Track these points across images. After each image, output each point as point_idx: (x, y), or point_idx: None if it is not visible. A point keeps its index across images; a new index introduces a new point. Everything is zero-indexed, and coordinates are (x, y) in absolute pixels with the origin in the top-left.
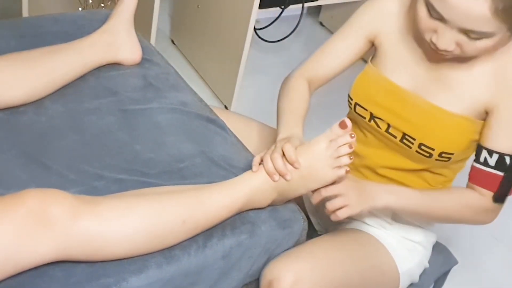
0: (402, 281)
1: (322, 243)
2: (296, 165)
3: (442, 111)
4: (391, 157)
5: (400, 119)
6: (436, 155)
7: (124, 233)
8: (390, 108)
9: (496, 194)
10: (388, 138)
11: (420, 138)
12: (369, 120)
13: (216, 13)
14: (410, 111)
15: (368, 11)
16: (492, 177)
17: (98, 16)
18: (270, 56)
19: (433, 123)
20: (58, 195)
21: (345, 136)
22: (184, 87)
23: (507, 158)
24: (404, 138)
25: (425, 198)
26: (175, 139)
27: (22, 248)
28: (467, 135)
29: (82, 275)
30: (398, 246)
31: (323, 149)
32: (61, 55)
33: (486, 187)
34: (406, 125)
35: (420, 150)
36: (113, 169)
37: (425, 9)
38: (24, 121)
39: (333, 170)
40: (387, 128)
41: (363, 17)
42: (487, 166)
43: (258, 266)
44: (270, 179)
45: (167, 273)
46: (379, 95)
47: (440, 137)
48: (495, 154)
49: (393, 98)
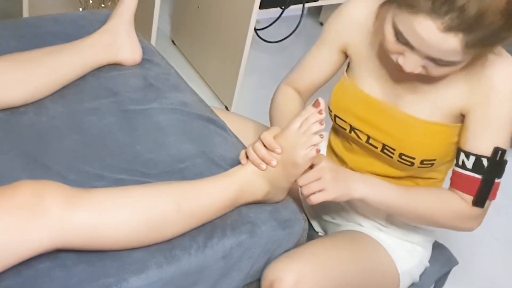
0: (403, 281)
1: (323, 244)
2: (277, 150)
3: (418, 121)
4: (376, 165)
5: (378, 130)
6: (418, 163)
7: (119, 219)
8: (368, 120)
9: (475, 198)
10: (370, 149)
11: (399, 149)
12: (350, 131)
13: (217, 13)
14: (386, 123)
15: (335, 22)
16: (471, 180)
17: (98, 17)
18: (271, 56)
19: (410, 133)
20: (52, 185)
21: (314, 114)
22: (185, 88)
23: (484, 160)
24: (385, 148)
25: (403, 195)
26: (176, 139)
27: (17, 238)
28: (445, 141)
29: (82, 275)
30: (397, 247)
31: (296, 128)
32: (62, 56)
33: (466, 191)
34: (384, 137)
35: (401, 159)
36: (113, 170)
37: (392, 32)
38: (24, 122)
39: (306, 150)
40: (367, 139)
41: (332, 29)
42: (465, 169)
43: (258, 266)
44: (257, 170)
45: (168, 273)
46: (356, 107)
47: (419, 146)
48: (471, 156)
49: (370, 110)
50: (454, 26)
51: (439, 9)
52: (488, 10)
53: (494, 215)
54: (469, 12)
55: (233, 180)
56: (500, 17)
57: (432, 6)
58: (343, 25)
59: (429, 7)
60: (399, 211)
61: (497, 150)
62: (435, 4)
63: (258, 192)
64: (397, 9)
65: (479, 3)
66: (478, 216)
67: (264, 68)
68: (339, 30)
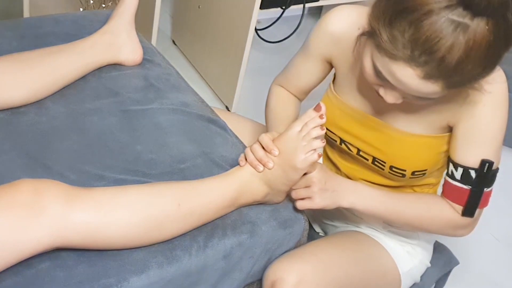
0: (404, 281)
1: (324, 244)
2: (274, 152)
3: (405, 134)
4: (369, 175)
5: (367, 144)
6: (409, 174)
7: (119, 217)
8: (356, 134)
9: (464, 208)
10: (361, 160)
11: (389, 161)
12: (340, 143)
13: (217, 13)
14: (374, 137)
15: (316, 36)
16: (460, 191)
17: (99, 17)
18: (271, 56)
19: (399, 147)
20: (52, 184)
21: (315, 118)
22: (185, 88)
23: (471, 171)
24: (375, 161)
25: (393, 205)
26: (176, 139)
27: (17, 236)
28: (434, 151)
29: (83, 275)
30: (397, 248)
31: (296, 132)
32: (62, 56)
33: (455, 201)
34: (373, 150)
35: (392, 171)
36: (114, 170)
37: (371, 68)
38: (25, 122)
39: (306, 154)
40: (357, 151)
41: (313, 43)
42: (454, 180)
43: (259, 266)
44: (254, 172)
45: (168, 273)
46: (343, 121)
47: (408, 159)
48: (459, 168)
49: (356, 123)
50: (433, 74)
51: (418, 58)
52: (469, 59)
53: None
54: (449, 63)
55: (232, 180)
56: (479, 63)
57: (411, 54)
58: (323, 39)
59: (408, 56)
60: (389, 219)
61: (484, 162)
62: (414, 53)
63: (257, 193)
64: (375, 48)
65: (459, 53)
66: (469, 225)
67: (264, 68)
68: (320, 44)
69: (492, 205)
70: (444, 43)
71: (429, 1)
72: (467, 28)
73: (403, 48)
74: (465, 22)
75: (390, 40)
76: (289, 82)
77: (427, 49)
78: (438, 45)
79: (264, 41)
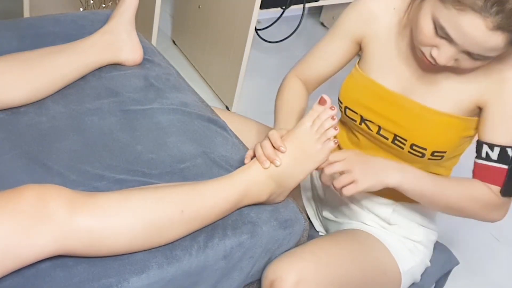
0: (404, 280)
1: (323, 243)
2: (281, 149)
3: (431, 111)
4: (387, 157)
5: (390, 121)
6: (429, 154)
7: (122, 224)
8: (379, 111)
9: (503, 187)
10: (380, 140)
11: (411, 139)
12: (360, 123)
13: (217, 13)
14: (399, 114)
15: (351, 13)
16: (497, 171)
17: (99, 17)
18: (271, 56)
19: (423, 124)
20: (56, 190)
21: (326, 110)
22: (185, 88)
23: (509, 150)
24: (396, 139)
25: (436, 183)
26: (176, 139)
27: (21, 242)
28: (458, 133)
29: (83, 275)
30: (399, 246)
31: (308, 127)
32: (62, 56)
33: (492, 182)
34: (396, 127)
35: (412, 150)
36: (114, 170)
37: (431, 26)
38: (25, 122)
39: (323, 144)
40: (378, 130)
41: (348, 19)
42: (490, 161)
43: (259, 266)
44: (263, 169)
45: (168, 273)
46: (367, 98)
47: (431, 137)
48: (496, 147)
49: (381, 100)
50: (503, 25)
51: (490, 8)
52: None
53: None
54: None
55: (237, 182)
56: None
57: (484, 5)
58: (360, 17)
59: (480, 6)
60: (431, 199)
61: None
62: (487, 3)
63: (263, 193)
64: (439, 3)
65: None
66: (504, 206)
67: (264, 68)
68: (355, 21)
69: None
70: None
71: None
72: None
73: None
74: None
75: None
76: (310, 67)
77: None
78: None
79: (264, 41)
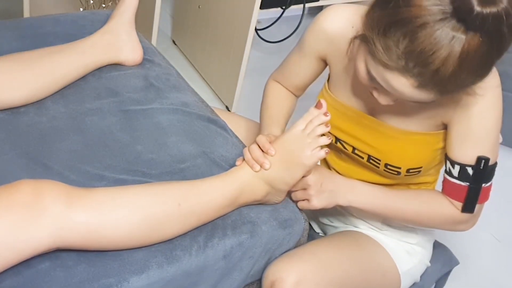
0: (403, 281)
1: (323, 244)
2: (270, 151)
3: (399, 131)
4: (365, 173)
5: (362, 142)
6: (404, 172)
7: (119, 217)
8: (351, 133)
9: (463, 204)
10: (355, 159)
11: (384, 159)
12: (335, 142)
13: (217, 13)
14: (369, 135)
15: (311, 34)
16: (458, 187)
17: (99, 17)
18: (271, 56)
19: (393, 144)
20: (52, 184)
21: (320, 115)
22: (185, 88)
23: (468, 169)
24: (370, 159)
25: (392, 199)
26: (176, 139)
27: (18, 236)
28: (429, 148)
29: (83, 275)
30: (396, 247)
31: (299, 131)
32: (62, 56)
33: (454, 198)
34: (368, 148)
35: (387, 169)
36: (114, 170)
37: (365, 72)
38: (25, 122)
39: (312, 151)
40: (353, 150)
41: (308, 41)
42: (452, 177)
43: (259, 266)
44: (254, 172)
45: (168, 273)
46: (338, 120)
47: (402, 156)
48: (456, 165)
49: (351, 122)
50: (428, 84)
51: (412, 69)
52: (462, 69)
53: (494, 215)
54: (443, 74)
55: (232, 180)
56: (473, 72)
57: (405, 65)
58: (318, 38)
59: (402, 66)
60: (387, 216)
61: (480, 159)
62: (408, 64)
63: (258, 192)
64: (368, 54)
65: (453, 65)
66: (469, 220)
67: (264, 68)
68: (315, 42)
69: (492, 205)
70: (439, 56)
71: (424, 13)
72: (461, 41)
73: (397, 59)
74: (459, 35)
75: (384, 50)
76: (285, 78)
77: (421, 61)
78: (433, 57)
79: (264, 41)
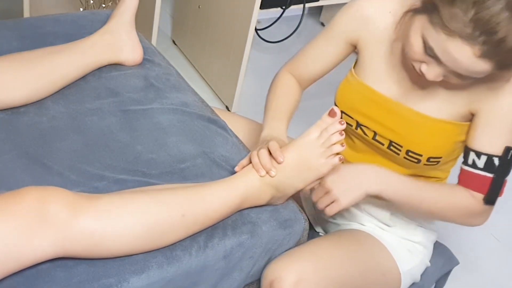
0: (404, 281)
1: (323, 243)
2: (279, 159)
3: (425, 118)
4: (380, 163)
5: (385, 127)
6: (424, 160)
7: (123, 227)
8: (374, 117)
9: (486, 196)
10: (376, 145)
11: (406, 145)
12: (356, 128)
13: (217, 13)
14: (394, 120)
15: (346, 15)
16: (482, 179)
17: (99, 17)
18: (271, 56)
19: (418, 130)
20: (57, 192)
21: (335, 124)
22: (185, 88)
23: (495, 159)
24: (391, 145)
25: (417, 190)
26: (176, 139)
27: (22, 244)
28: (453, 139)
29: (83, 275)
30: (399, 246)
31: (314, 139)
32: (62, 56)
33: (476, 190)
34: (391, 133)
35: (408, 156)
36: (114, 170)
37: (421, 44)
38: (25, 122)
39: (327, 159)
40: (374, 135)
41: (342, 21)
42: (476, 168)
43: (259, 266)
44: (260, 177)
45: (168, 273)
46: (363, 104)
47: (426, 144)
48: (483, 156)
49: (377, 107)
50: (490, 54)
51: (478, 37)
52: None
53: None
54: (508, 45)
55: (237, 187)
56: None
57: (472, 32)
58: (354, 21)
59: (468, 33)
60: (413, 205)
61: (508, 149)
62: (475, 32)
63: (263, 198)
64: (429, 24)
65: None
66: (484, 214)
67: (264, 68)
68: (350, 24)
69: None
70: (506, 24)
71: None
72: None
73: (463, 26)
74: None
75: (450, 17)
76: (303, 66)
77: (488, 29)
78: (500, 25)
79: (264, 41)
